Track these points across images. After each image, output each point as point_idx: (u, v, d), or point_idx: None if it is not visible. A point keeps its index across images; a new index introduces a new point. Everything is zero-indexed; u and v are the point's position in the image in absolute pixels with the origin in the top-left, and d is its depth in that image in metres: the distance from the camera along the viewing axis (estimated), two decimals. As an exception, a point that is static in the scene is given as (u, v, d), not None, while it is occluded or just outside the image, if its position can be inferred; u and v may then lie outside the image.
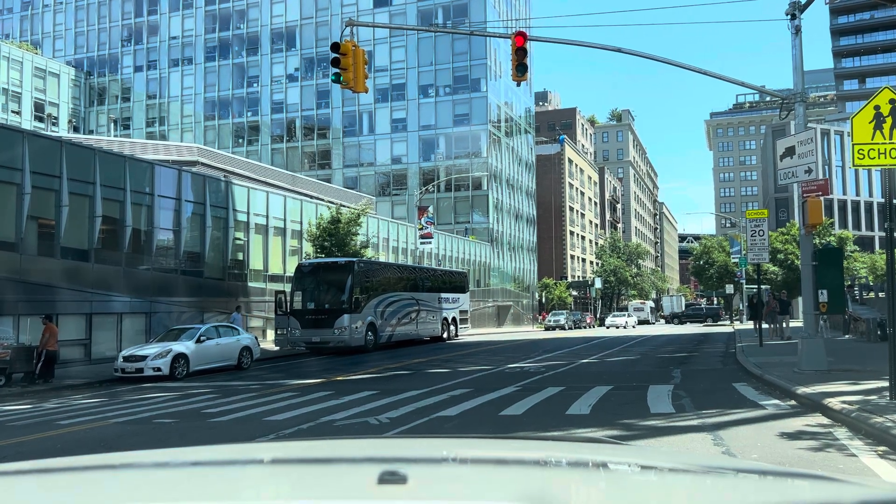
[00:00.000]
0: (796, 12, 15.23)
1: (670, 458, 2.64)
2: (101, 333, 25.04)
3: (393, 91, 70.51)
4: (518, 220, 77.80)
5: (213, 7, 76.43)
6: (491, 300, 66.77)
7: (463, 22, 67.50)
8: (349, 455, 2.22)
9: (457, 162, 68.78)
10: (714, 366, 19.08)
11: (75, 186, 24.34)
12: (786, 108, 15.88)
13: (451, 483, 1.82)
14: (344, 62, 15.63)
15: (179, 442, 9.58)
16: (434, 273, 39.33)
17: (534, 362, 21.38)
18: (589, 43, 17.44)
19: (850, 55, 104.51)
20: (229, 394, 15.18)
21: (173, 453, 2.57)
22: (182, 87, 77.86)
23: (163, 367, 19.02)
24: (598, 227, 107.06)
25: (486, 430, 9.54)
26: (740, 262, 48.05)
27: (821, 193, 14.39)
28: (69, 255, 24.54)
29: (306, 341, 27.85)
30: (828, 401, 9.98)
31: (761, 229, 22.54)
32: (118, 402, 14.69)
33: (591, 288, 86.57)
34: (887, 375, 9.85)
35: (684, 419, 10.04)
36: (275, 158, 72.15)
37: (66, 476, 1.94)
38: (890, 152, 9.69)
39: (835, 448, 7.71)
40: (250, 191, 34.17)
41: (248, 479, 1.96)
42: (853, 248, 65.06)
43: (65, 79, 76.14)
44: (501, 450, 2.43)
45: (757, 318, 25.66)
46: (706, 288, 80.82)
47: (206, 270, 30.85)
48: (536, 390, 13.76)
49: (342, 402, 12.97)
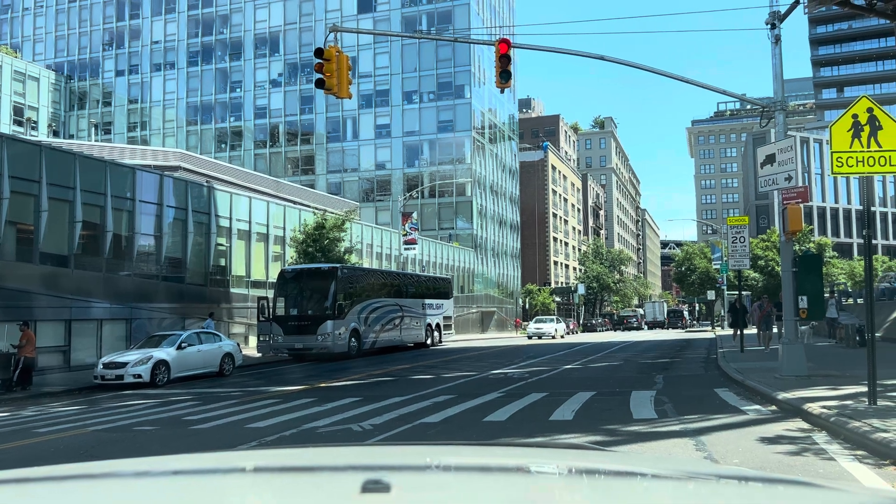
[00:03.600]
0: (776, 22, 15.42)
1: (653, 464, 2.65)
2: (80, 340, 24.74)
3: (377, 97, 70.50)
4: (502, 226, 77.97)
5: (196, 12, 76.05)
6: (475, 306, 66.79)
7: (447, 29, 67.68)
8: (332, 463, 2.21)
9: (441, 168, 68.85)
10: (696, 371, 19.20)
11: (55, 191, 24.08)
12: (766, 116, 16.07)
13: (435, 491, 1.82)
14: (328, 68, 15.60)
15: (160, 450, 9.48)
16: (418, 279, 39.30)
17: (517, 368, 21.40)
18: (572, 50, 17.55)
19: (829, 64, 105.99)
20: (211, 401, 15.05)
21: (154, 462, 2.54)
22: (164, 92, 77.34)
23: (143, 374, 18.83)
24: (581, 234, 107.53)
25: (470, 437, 9.52)
26: (721, 269, 48.46)
27: (801, 201, 14.55)
28: (48, 260, 24.25)
29: (289, 348, 27.68)
30: (808, 406, 10.08)
31: (742, 236, 22.75)
32: (98, 410, 14.52)
33: (575, 294, 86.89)
34: (866, 380, 9.96)
35: (667, 425, 10.08)
36: (258, 164, 71.83)
37: (45, 486, 1.91)
38: (867, 160, 9.83)
39: (814, 453, 7.78)
40: (233, 196, 33.98)
41: (229, 487, 1.95)
42: (832, 255, 65.92)
43: (45, 83, 75.38)
44: (485, 457, 2.43)
45: (738, 325, 24.96)
46: (688, 294, 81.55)
47: (188, 276, 30.62)
48: (520, 396, 13.77)
49: (325, 408, 12.91)
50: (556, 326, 50.37)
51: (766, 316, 24.48)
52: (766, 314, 24.52)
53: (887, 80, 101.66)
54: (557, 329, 49.99)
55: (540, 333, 48.49)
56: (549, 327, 49.63)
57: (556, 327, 50.20)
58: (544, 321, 52.18)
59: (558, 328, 50.41)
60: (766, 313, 24.59)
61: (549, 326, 49.76)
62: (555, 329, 49.49)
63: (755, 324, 25.57)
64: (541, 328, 49.62)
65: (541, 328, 49.62)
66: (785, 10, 15.48)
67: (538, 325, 51.01)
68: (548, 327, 49.60)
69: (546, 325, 50.19)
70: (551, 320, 52.56)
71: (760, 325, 24.59)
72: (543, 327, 49.68)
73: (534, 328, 50.12)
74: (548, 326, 49.74)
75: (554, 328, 49.64)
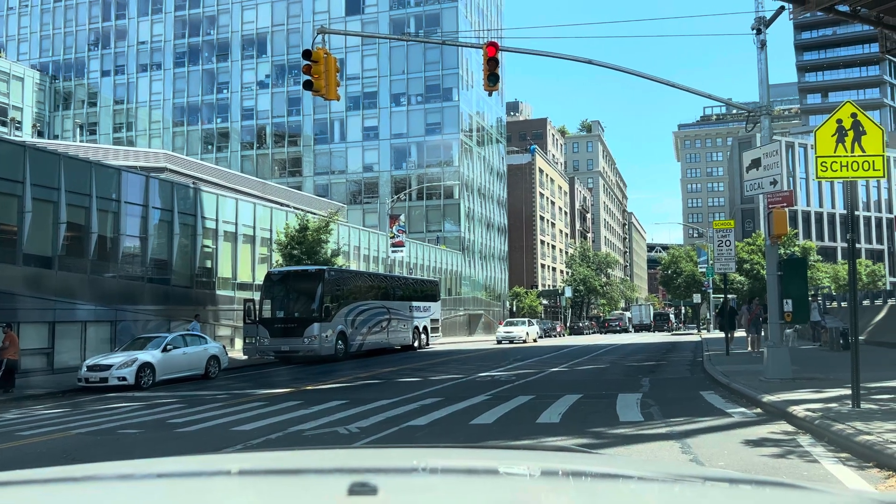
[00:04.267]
0: (762, 27, 15.55)
1: (640, 466, 2.66)
2: (64, 342, 24.51)
3: (365, 99, 70.44)
4: (489, 229, 78.07)
5: (183, 12, 75.69)
6: (462, 309, 66.82)
7: (435, 31, 67.72)
8: (318, 466, 2.20)
9: (429, 171, 68.87)
10: (682, 374, 19.29)
11: (39, 192, 23.85)
12: (752, 120, 16.19)
13: (422, 494, 1.81)
14: (315, 69, 15.57)
15: (144, 453, 9.40)
16: (405, 282, 39.26)
17: (505, 371, 21.42)
18: (560, 54, 17.62)
19: (814, 70, 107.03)
20: (196, 404, 14.95)
21: (138, 465, 2.52)
22: (150, 93, 76.89)
23: (128, 376, 18.68)
24: (568, 237, 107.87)
25: (457, 440, 9.51)
26: (707, 272, 48.79)
27: (786, 205, 14.66)
28: (32, 262, 24.02)
29: (275, 350, 27.57)
30: (792, 408, 10.15)
31: (728, 239, 22.89)
32: (81, 413, 14.39)
33: (562, 297, 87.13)
34: (849, 384, 10.05)
35: (653, 427, 10.12)
36: (245, 165, 71.55)
37: (27, 489, 1.89)
38: (852, 165, 9.92)
39: (799, 455, 7.83)
40: (219, 198, 33.81)
41: (214, 491, 1.93)
42: (816, 258, 66.46)
43: (29, 82, 74.69)
44: (472, 459, 2.43)
45: (726, 328, 24.63)
46: (674, 297, 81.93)
47: (174, 278, 30.43)
48: (507, 399, 13.78)
49: (311, 411, 12.86)
50: (528, 330, 46.33)
51: (755, 319, 24.36)
52: (755, 317, 24.37)
53: (871, 85, 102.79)
54: (529, 332, 45.99)
55: (510, 338, 44.61)
56: (519, 331, 45.68)
57: (528, 331, 46.15)
58: (515, 324, 48.68)
59: (530, 331, 46.42)
60: (755, 316, 24.46)
61: (520, 330, 45.90)
62: (526, 332, 45.59)
63: (744, 326, 25.63)
64: (511, 332, 45.59)
65: (511, 332, 45.59)
66: (770, 16, 15.62)
67: (508, 328, 47.04)
68: (518, 331, 45.69)
69: (516, 329, 46.21)
70: (522, 323, 48.94)
71: (749, 329, 24.60)
72: (514, 331, 45.73)
73: (503, 332, 46.02)
74: (518, 330, 45.93)
75: (525, 332, 45.69)
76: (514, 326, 47.40)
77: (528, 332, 46.17)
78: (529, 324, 48.87)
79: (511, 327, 47.05)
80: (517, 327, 46.80)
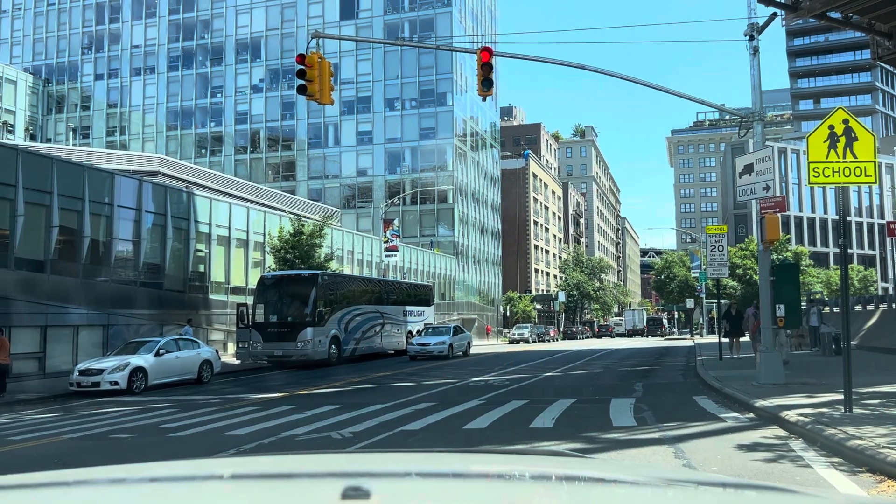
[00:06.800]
0: (754, 33, 15.64)
1: (633, 471, 2.66)
2: (56, 346, 24.39)
3: (359, 104, 70.46)
4: (483, 233, 78.11)
5: (177, 16, 75.62)
6: (456, 313, 66.76)
7: (429, 36, 67.85)
8: (312, 470, 2.19)
9: (423, 175, 68.89)
10: (675, 379, 19.31)
11: (32, 196, 23.76)
12: (745, 126, 16.27)
13: (415, 498, 1.81)
14: (310, 74, 15.58)
15: (137, 458, 9.36)
16: (399, 286, 39.23)
17: (498, 375, 21.41)
18: (554, 60, 17.70)
19: (806, 76, 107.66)
20: (189, 408, 14.90)
21: (130, 469, 2.51)
22: (144, 97, 76.73)
23: (120, 380, 18.60)
24: (561, 242, 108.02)
25: (451, 444, 9.51)
26: (700, 277, 48.87)
27: (778, 210, 14.72)
28: (24, 265, 23.91)
29: (268, 355, 27.49)
30: (785, 413, 10.17)
31: (721, 245, 22.96)
32: (73, 417, 14.32)
33: (555, 302, 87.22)
34: (842, 388, 10.08)
35: (646, 432, 10.13)
36: (238, 170, 71.40)
37: (18, 494, 1.88)
38: (843, 171, 9.97)
39: (791, 460, 7.85)
40: (213, 202, 33.74)
41: (207, 495, 1.93)
42: (808, 263, 66.71)
43: (22, 86, 74.48)
44: (465, 464, 2.43)
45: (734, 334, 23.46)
46: (667, 302, 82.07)
47: (167, 282, 30.33)
48: (500, 403, 13.77)
49: (305, 416, 12.82)
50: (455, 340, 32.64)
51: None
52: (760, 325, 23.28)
53: (863, 91, 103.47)
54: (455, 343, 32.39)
55: (427, 352, 30.81)
56: (438, 342, 31.29)
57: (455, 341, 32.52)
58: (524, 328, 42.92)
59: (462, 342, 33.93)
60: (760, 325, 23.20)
61: (440, 341, 31.45)
62: (465, 343, 34.21)
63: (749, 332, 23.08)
64: (427, 343, 31.32)
65: (427, 343, 31.32)
66: (763, 22, 15.71)
67: (424, 339, 32.14)
68: (437, 342, 31.32)
69: (433, 340, 31.68)
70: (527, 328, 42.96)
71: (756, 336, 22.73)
72: (430, 342, 31.45)
73: (417, 345, 31.46)
74: (437, 341, 31.47)
75: (463, 341, 33.77)
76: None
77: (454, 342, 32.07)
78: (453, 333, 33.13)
79: (428, 338, 31.86)
80: (436, 337, 31.83)
